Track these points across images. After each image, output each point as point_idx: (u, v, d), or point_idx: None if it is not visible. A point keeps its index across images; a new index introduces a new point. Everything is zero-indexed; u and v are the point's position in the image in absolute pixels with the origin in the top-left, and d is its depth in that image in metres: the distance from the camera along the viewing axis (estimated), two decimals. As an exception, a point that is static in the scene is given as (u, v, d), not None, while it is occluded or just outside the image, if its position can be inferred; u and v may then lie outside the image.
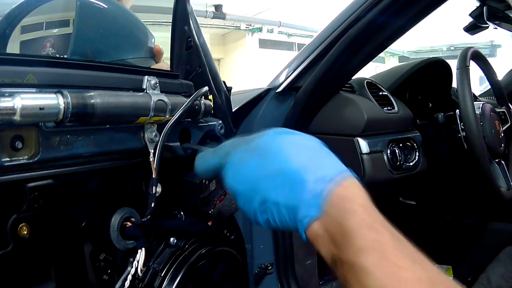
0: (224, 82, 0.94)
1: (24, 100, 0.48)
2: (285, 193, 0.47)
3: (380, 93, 1.37)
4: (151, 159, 0.66)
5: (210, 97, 0.82)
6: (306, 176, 0.46)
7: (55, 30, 0.82)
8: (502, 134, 1.45)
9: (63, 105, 0.52)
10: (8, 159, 0.51)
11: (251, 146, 0.53)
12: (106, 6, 0.85)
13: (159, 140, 0.67)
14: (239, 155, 0.53)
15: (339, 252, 0.43)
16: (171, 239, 0.78)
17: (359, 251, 0.40)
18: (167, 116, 0.67)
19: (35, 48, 0.82)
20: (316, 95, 1.15)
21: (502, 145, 1.43)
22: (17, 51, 0.83)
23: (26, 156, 0.53)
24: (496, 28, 1.43)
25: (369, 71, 1.56)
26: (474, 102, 1.27)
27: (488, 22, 1.38)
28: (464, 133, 1.32)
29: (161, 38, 0.90)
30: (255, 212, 0.49)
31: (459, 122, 1.37)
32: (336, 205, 0.44)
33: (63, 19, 0.82)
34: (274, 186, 0.48)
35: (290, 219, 0.47)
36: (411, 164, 1.30)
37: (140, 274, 0.68)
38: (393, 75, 1.61)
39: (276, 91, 1.19)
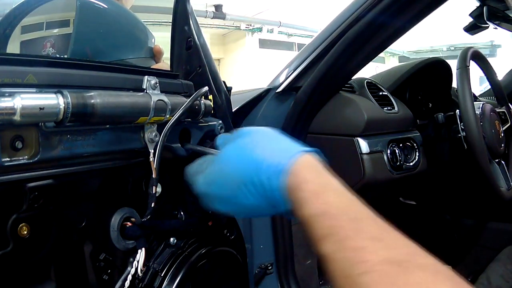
0: (224, 82, 0.94)
1: (24, 100, 0.48)
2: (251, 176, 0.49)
3: (380, 93, 1.37)
4: (151, 159, 0.66)
5: (210, 97, 0.82)
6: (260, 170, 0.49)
7: (55, 30, 0.82)
8: (502, 134, 1.45)
9: (63, 105, 0.52)
10: (8, 159, 0.51)
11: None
12: (106, 6, 0.85)
13: (159, 140, 0.67)
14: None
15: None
16: (171, 239, 0.78)
17: (318, 240, 0.41)
18: (167, 116, 0.67)
19: (36, 48, 0.82)
20: (316, 95, 1.15)
21: (502, 145, 1.43)
22: (17, 51, 0.83)
23: (26, 156, 0.53)
24: (496, 28, 1.43)
25: (369, 71, 1.56)
26: (474, 102, 1.27)
27: (488, 22, 1.38)
28: (464, 133, 1.33)
29: (161, 38, 0.90)
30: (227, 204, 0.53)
31: (459, 122, 1.37)
32: (291, 195, 0.46)
33: (63, 19, 0.82)
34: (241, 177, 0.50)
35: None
36: (411, 164, 1.30)
37: (140, 274, 0.68)
38: (393, 75, 1.61)
39: (276, 91, 1.19)
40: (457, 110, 1.37)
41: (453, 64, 1.43)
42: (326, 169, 0.48)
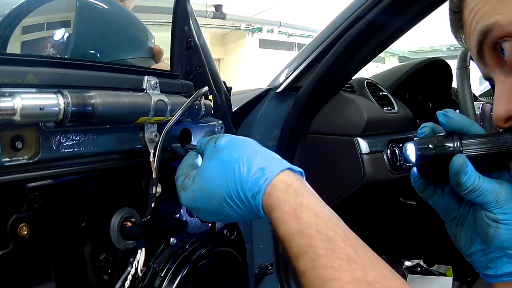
0: (224, 82, 0.94)
1: (24, 100, 0.48)
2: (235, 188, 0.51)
3: (380, 93, 1.37)
4: (151, 159, 0.66)
5: (210, 97, 0.82)
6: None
7: (56, 31, 0.82)
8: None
9: (63, 105, 0.52)
10: (8, 159, 0.51)
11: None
12: (105, 7, 0.85)
13: (159, 140, 0.67)
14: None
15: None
16: (171, 239, 0.78)
17: (295, 256, 0.44)
18: (167, 116, 0.67)
19: (36, 48, 0.82)
20: (316, 95, 1.15)
21: (502, 145, 1.43)
22: (18, 51, 0.83)
23: (26, 156, 0.53)
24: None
25: (369, 71, 1.56)
26: (474, 102, 1.27)
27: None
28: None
29: (161, 38, 0.90)
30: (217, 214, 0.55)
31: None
32: (268, 215, 0.48)
33: (64, 20, 0.82)
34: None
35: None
36: (411, 164, 1.30)
37: (140, 274, 0.68)
38: (393, 75, 1.61)
39: (276, 91, 1.19)
40: (457, 110, 1.37)
41: (453, 64, 1.43)
42: (304, 187, 0.49)
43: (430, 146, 0.49)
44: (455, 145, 0.47)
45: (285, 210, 0.46)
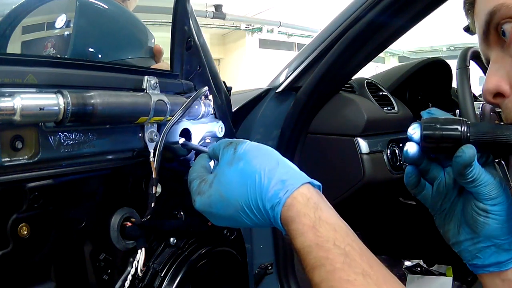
0: (224, 82, 0.94)
1: (24, 100, 0.48)
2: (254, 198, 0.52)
3: (380, 93, 1.37)
4: (151, 159, 0.66)
5: (210, 97, 0.82)
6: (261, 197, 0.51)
7: (56, 31, 0.82)
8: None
9: (63, 105, 0.52)
10: (8, 159, 0.51)
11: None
12: (106, 7, 0.85)
13: (159, 140, 0.67)
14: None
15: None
16: (171, 239, 0.78)
17: (311, 268, 0.45)
18: (167, 116, 0.67)
19: (37, 48, 0.82)
20: (316, 95, 1.15)
21: (502, 145, 1.43)
22: (18, 51, 0.83)
23: (26, 156, 0.53)
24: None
25: (369, 71, 1.56)
26: (474, 102, 1.27)
27: (488, 22, 1.38)
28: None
29: (161, 38, 0.90)
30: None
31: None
32: (285, 226, 0.49)
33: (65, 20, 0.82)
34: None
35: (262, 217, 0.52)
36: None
37: (140, 274, 0.68)
38: (393, 75, 1.61)
39: (276, 91, 1.19)
40: (457, 110, 1.37)
41: (453, 64, 1.43)
42: (323, 201, 0.50)
43: (438, 125, 0.48)
44: (463, 129, 0.47)
45: (304, 223, 0.47)
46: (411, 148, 0.50)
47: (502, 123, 0.49)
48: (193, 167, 0.61)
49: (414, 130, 0.50)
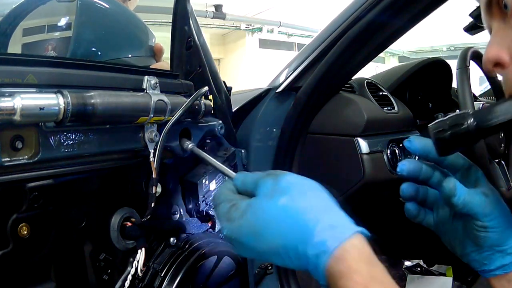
0: (224, 82, 0.94)
1: (24, 100, 0.48)
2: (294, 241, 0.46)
3: (380, 93, 1.37)
4: (151, 159, 0.66)
5: (210, 97, 0.82)
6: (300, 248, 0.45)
7: (57, 33, 0.82)
8: (502, 134, 1.45)
9: (63, 105, 0.52)
10: (8, 159, 0.51)
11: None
12: (107, 6, 0.85)
13: (159, 140, 0.67)
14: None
15: None
16: (171, 239, 0.78)
17: None
18: (167, 116, 0.67)
19: (37, 50, 0.82)
20: (316, 95, 1.15)
21: (502, 145, 1.43)
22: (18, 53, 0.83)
23: (26, 156, 0.53)
24: (496, 28, 1.42)
25: (369, 71, 1.56)
26: (474, 102, 1.27)
27: (488, 22, 1.38)
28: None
29: (161, 38, 0.90)
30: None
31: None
32: (331, 280, 0.44)
33: (65, 22, 0.82)
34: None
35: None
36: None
37: (140, 274, 0.68)
38: (393, 75, 1.61)
39: (276, 91, 1.19)
40: (457, 110, 1.37)
41: (453, 64, 1.43)
42: (373, 256, 0.45)
43: (445, 128, 0.49)
44: (468, 123, 0.48)
45: (356, 281, 0.42)
46: (406, 209, 0.57)
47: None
48: (220, 190, 0.55)
49: (419, 142, 0.54)
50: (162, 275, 0.73)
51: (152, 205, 0.66)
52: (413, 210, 0.59)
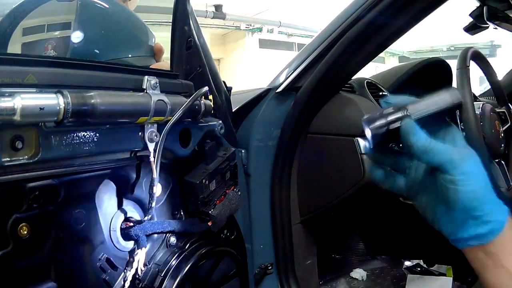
0: (224, 82, 0.94)
1: (24, 100, 0.48)
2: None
3: (380, 93, 1.37)
4: (151, 159, 0.66)
5: (210, 97, 0.82)
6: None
7: (57, 33, 0.82)
8: (502, 134, 1.45)
9: (63, 105, 0.52)
10: (8, 159, 0.51)
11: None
12: (106, 6, 0.85)
13: (159, 140, 0.67)
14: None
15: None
16: (171, 239, 0.78)
17: None
18: (167, 116, 0.67)
19: (37, 50, 0.82)
20: (316, 95, 1.15)
21: (502, 145, 1.43)
22: (18, 52, 0.83)
23: (26, 156, 0.53)
24: (496, 28, 1.42)
25: (369, 71, 1.56)
26: (474, 102, 1.27)
27: (488, 22, 1.38)
28: (464, 133, 1.32)
29: (161, 38, 0.90)
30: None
31: (459, 122, 1.37)
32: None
33: (65, 22, 0.82)
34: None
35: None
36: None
37: (140, 274, 0.68)
38: (393, 75, 1.61)
39: (276, 91, 1.19)
40: (457, 110, 1.37)
41: (453, 64, 1.43)
42: None
43: (382, 122, 0.52)
44: (403, 114, 0.51)
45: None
46: (372, 170, 0.58)
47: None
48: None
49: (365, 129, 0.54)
50: (162, 275, 0.73)
51: (152, 205, 0.66)
52: (379, 174, 0.57)
